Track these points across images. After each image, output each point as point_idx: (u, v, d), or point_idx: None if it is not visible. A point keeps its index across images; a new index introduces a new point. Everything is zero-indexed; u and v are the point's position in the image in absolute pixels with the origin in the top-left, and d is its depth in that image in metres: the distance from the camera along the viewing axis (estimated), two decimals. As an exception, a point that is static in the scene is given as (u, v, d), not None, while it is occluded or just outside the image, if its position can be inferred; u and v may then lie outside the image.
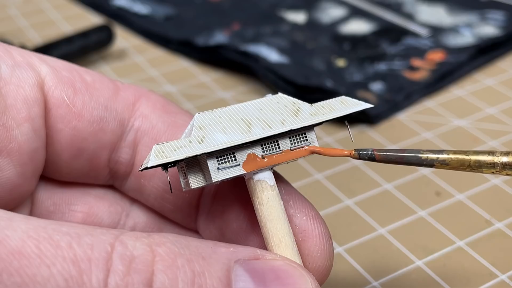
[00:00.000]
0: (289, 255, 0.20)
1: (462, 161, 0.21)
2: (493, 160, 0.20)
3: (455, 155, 0.21)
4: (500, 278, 0.29)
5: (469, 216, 0.33)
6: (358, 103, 0.22)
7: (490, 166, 0.20)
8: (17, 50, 0.23)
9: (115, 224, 0.25)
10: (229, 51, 0.45)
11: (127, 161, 0.24)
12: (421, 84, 0.43)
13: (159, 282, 0.17)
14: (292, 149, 0.22)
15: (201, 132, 0.21)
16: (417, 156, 0.21)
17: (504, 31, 0.47)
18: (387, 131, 0.39)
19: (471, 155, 0.21)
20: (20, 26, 0.52)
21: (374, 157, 0.21)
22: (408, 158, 0.21)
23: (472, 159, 0.21)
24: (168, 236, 0.18)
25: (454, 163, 0.21)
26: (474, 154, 0.21)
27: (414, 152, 0.21)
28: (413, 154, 0.21)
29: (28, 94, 0.22)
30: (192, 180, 0.21)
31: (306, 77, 0.42)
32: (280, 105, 0.22)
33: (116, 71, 0.46)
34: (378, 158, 0.21)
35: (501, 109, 0.41)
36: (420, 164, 0.21)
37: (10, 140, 0.22)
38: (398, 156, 0.21)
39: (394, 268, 0.30)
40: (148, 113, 0.24)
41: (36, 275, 0.16)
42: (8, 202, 0.23)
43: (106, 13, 0.54)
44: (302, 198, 0.23)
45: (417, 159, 0.21)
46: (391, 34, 0.48)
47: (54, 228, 0.17)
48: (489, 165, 0.20)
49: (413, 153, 0.21)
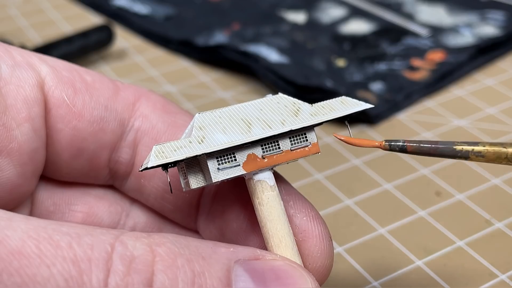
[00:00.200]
0: (289, 255, 0.20)
1: (498, 153, 0.20)
2: None
3: (492, 147, 0.20)
4: (500, 278, 0.29)
5: (469, 216, 0.33)
6: (358, 103, 0.22)
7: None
8: (17, 50, 0.23)
9: (115, 224, 0.25)
10: (229, 51, 0.45)
11: (127, 161, 0.24)
12: (421, 84, 0.43)
13: (159, 282, 0.17)
14: (292, 149, 0.22)
15: (201, 132, 0.21)
16: (451, 147, 0.20)
17: (504, 31, 0.47)
18: (387, 131, 0.39)
19: (508, 147, 0.20)
20: (20, 26, 0.52)
21: (405, 148, 0.20)
22: (442, 149, 0.20)
23: (509, 152, 0.20)
24: (168, 236, 0.18)
25: (490, 155, 0.20)
26: (511, 147, 0.20)
27: (449, 144, 0.20)
28: (447, 146, 0.20)
29: (28, 94, 0.22)
30: (192, 180, 0.21)
31: (306, 77, 0.42)
32: (280, 105, 0.22)
33: (116, 71, 0.46)
34: (410, 150, 0.20)
35: (501, 109, 0.41)
36: (454, 156, 0.20)
37: (10, 140, 0.22)
38: (432, 147, 0.20)
39: (394, 268, 0.30)
40: (148, 113, 0.24)
41: (36, 275, 0.16)
42: (8, 202, 0.23)
43: (106, 13, 0.54)
44: (302, 198, 0.23)
45: (451, 150, 0.20)
46: (391, 34, 0.48)
47: (54, 228, 0.17)
48: None
49: (447, 144, 0.20)
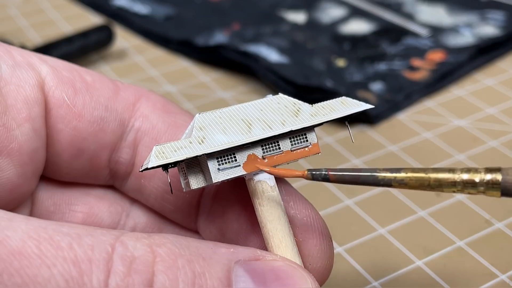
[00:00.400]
0: (289, 255, 0.20)
1: (421, 180, 0.19)
2: (453, 179, 0.19)
3: (414, 174, 0.19)
4: (500, 278, 0.29)
5: (469, 216, 0.33)
6: (358, 104, 0.22)
7: (451, 185, 0.19)
8: (17, 50, 0.23)
9: (115, 224, 0.25)
10: (229, 51, 0.45)
11: (127, 161, 0.24)
12: (421, 84, 0.43)
13: (160, 282, 0.17)
14: (293, 150, 0.22)
15: (201, 133, 0.21)
16: (373, 176, 0.19)
17: (504, 31, 0.47)
18: (387, 131, 0.39)
19: (430, 173, 0.19)
20: (20, 26, 0.52)
21: (328, 177, 0.20)
22: (364, 178, 0.19)
23: (431, 178, 0.19)
24: (168, 236, 0.18)
25: (413, 182, 0.19)
26: (433, 172, 0.19)
27: (370, 171, 0.19)
28: (369, 173, 0.19)
29: (28, 94, 0.22)
30: (193, 181, 0.21)
31: (306, 77, 0.42)
32: (280, 106, 0.22)
33: (116, 71, 0.46)
34: (333, 179, 0.20)
35: (501, 109, 0.41)
36: (377, 185, 0.19)
37: (11, 140, 0.22)
38: (354, 176, 0.19)
39: (394, 268, 0.30)
40: (148, 113, 0.24)
41: (36, 275, 0.16)
42: (8, 202, 0.23)
43: (106, 13, 0.54)
44: (302, 198, 0.23)
45: (373, 179, 0.19)
46: (391, 34, 0.48)
47: (55, 229, 0.17)
48: (449, 184, 0.19)
49: (369, 172, 0.19)
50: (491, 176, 0.19)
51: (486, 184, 0.19)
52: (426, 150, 0.38)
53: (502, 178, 0.18)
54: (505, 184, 0.18)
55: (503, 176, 0.18)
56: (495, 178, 0.19)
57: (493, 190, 0.19)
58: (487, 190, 0.19)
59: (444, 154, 0.37)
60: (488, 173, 0.19)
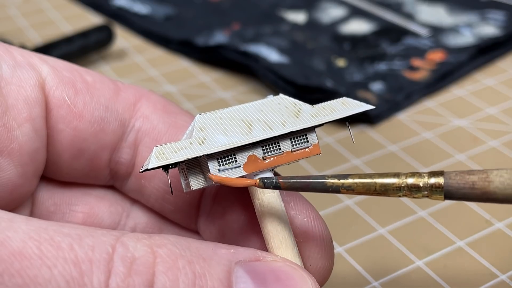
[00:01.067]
0: (289, 256, 0.20)
1: (368, 186, 0.19)
2: (399, 184, 0.19)
3: (360, 180, 0.20)
4: (500, 278, 0.29)
5: (469, 216, 0.33)
6: (359, 104, 0.22)
7: (396, 190, 0.19)
8: (18, 50, 0.23)
9: (116, 224, 0.25)
10: (229, 51, 0.45)
11: (127, 162, 0.24)
12: (421, 84, 0.43)
13: (160, 283, 0.17)
14: (293, 151, 0.22)
15: (201, 134, 0.21)
16: (322, 182, 0.20)
17: (504, 31, 0.47)
18: (387, 131, 0.39)
19: (376, 179, 0.19)
20: (20, 26, 0.52)
21: (279, 185, 0.20)
22: (314, 185, 0.20)
23: (377, 183, 0.19)
24: (169, 237, 0.18)
25: (360, 188, 0.20)
26: (379, 177, 0.20)
27: (319, 178, 0.20)
28: (319, 181, 0.20)
29: (29, 94, 0.22)
30: (193, 181, 0.21)
31: (306, 77, 0.42)
32: (281, 106, 0.22)
33: (116, 71, 0.46)
34: (284, 186, 0.20)
35: (501, 109, 0.41)
36: (326, 191, 0.20)
37: (11, 140, 0.22)
38: (304, 183, 0.20)
39: (394, 268, 0.30)
40: (148, 113, 0.24)
41: (37, 276, 0.16)
42: (9, 203, 0.23)
43: (106, 13, 0.54)
44: (303, 199, 0.23)
45: (322, 185, 0.20)
46: (391, 34, 0.48)
47: (55, 229, 0.17)
48: (395, 189, 0.19)
49: (318, 179, 0.20)
50: (434, 180, 0.19)
51: (430, 188, 0.19)
52: (426, 150, 0.38)
53: (445, 182, 0.19)
54: (447, 188, 0.19)
55: (446, 180, 0.19)
56: (438, 182, 0.19)
57: (436, 193, 0.19)
58: (431, 194, 0.19)
59: (444, 154, 0.37)
60: (432, 177, 0.19)
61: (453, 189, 0.19)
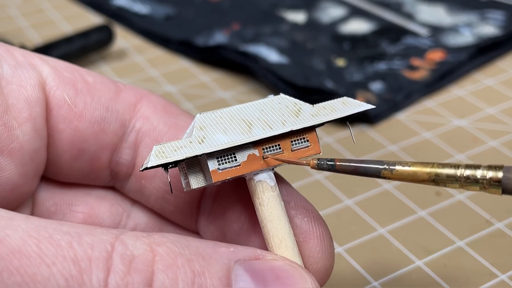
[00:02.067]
0: (289, 255, 0.20)
1: (426, 174, 0.19)
2: (457, 174, 0.19)
3: (417, 168, 0.19)
4: (500, 278, 0.29)
5: (469, 216, 0.33)
6: (359, 104, 0.22)
7: (454, 180, 0.19)
8: (18, 50, 0.23)
9: (116, 225, 0.25)
10: (228, 51, 0.45)
11: (128, 162, 0.24)
12: (421, 83, 0.43)
13: (159, 281, 0.17)
14: (293, 150, 0.22)
15: (201, 133, 0.21)
16: (376, 168, 0.20)
17: (504, 31, 0.47)
18: (386, 131, 0.39)
19: (435, 168, 0.19)
20: (20, 26, 0.52)
21: (335, 166, 0.20)
22: (366, 169, 0.20)
23: (435, 172, 0.19)
24: (168, 236, 0.18)
25: (415, 176, 0.19)
26: (438, 167, 0.19)
27: (375, 163, 0.20)
28: (373, 166, 0.20)
29: (29, 94, 0.22)
30: (193, 181, 0.21)
31: (305, 78, 0.42)
32: (281, 106, 0.22)
33: (116, 71, 0.46)
34: (339, 168, 0.20)
35: (501, 109, 0.41)
36: (377, 176, 0.20)
37: (12, 139, 0.22)
38: (356, 167, 0.20)
39: (394, 268, 0.30)
40: (149, 114, 0.24)
41: (36, 274, 0.16)
42: (9, 202, 0.23)
43: (106, 13, 0.54)
44: (303, 199, 0.23)
45: (375, 170, 0.20)
46: (391, 34, 0.48)
47: (55, 228, 0.17)
48: (453, 180, 0.19)
49: (373, 164, 0.20)
50: (492, 174, 0.19)
51: (488, 182, 0.19)
52: (426, 150, 0.38)
53: (504, 176, 0.19)
54: (506, 182, 0.19)
55: (505, 174, 0.19)
56: (496, 176, 0.19)
57: (494, 187, 0.19)
58: (489, 187, 0.19)
59: (444, 154, 0.37)
60: (490, 170, 0.19)
61: (511, 184, 0.19)
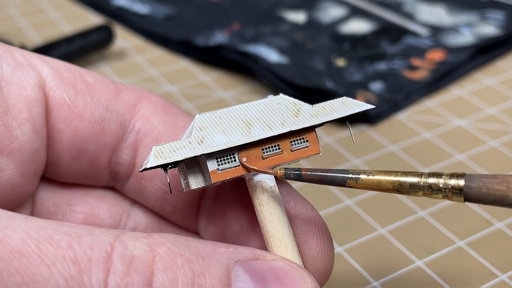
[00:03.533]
0: (289, 256, 0.20)
1: (388, 183, 0.19)
2: (420, 183, 0.19)
3: (381, 177, 0.20)
4: (500, 278, 0.29)
5: (469, 216, 0.33)
6: (359, 104, 0.22)
7: (417, 189, 0.19)
8: (18, 50, 0.23)
9: (116, 225, 0.25)
10: (228, 51, 0.45)
11: (127, 163, 0.24)
12: (421, 83, 0.43)
13: (159, 282, 0.17)
14: (293, 150, 0.22)
15: (201, 133, 0.21)
16: (341, 176, 0.20)
17: (504, 30, 0.47)
18: (387, 131, 0.39)
19: (398, 177, 0.19)
20: (20, 26, 0.52)
21: (301, 176, 0.20)
22: (332, 178, 0.20)
23: (399, 181, 0.19)
24: (168, 236, 0.18)
25: (378, 185, 0.20)
26: (401, 176, 0.19)
27: (339, 172, 0.20)
28: (338, 175, 0.20)
29: (29, 94, 0.22)
30: (192, 181, 0.21)
31: (305, 78, 0.42)
32: (281, 106, 0.22)
33: (116, 71, 0.46)
34: (305, 178, 0.20)
35: (501, 109, 0.41)
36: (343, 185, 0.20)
37: (11, 140, 0.22)
38: (322, 176, 0.20)
39: (394, 268, 0.30)
40: (149, 114, 0.24)
41: (36, 274, 0.16)
42: (9, 203, 0.23)
43: (106, 13, 0.54)
44: (302, 199, 0.23)
45: (341, 179, 0.20)
46: (391, 34, 0.48)
47: (54, 228, 0.17)
48: (416, 188, 0.19)
49: (338, 173, 0.20)
50: (454, 182, 0.19)
51: (451, 190, 0.19)
52: (426, 150, 0.38)
53: (465, 185, 0.19)
54: (467, 191, 0.19)
55: (466, 183, 0.19)
56: (458, 184, 0.19)
57: (457, 195, 0.19)
58: (452, 195, 0.19)
59: (444, 154, 0.37)
60: (452, 179, 0.19)
61: (472, 192, 0.19)
